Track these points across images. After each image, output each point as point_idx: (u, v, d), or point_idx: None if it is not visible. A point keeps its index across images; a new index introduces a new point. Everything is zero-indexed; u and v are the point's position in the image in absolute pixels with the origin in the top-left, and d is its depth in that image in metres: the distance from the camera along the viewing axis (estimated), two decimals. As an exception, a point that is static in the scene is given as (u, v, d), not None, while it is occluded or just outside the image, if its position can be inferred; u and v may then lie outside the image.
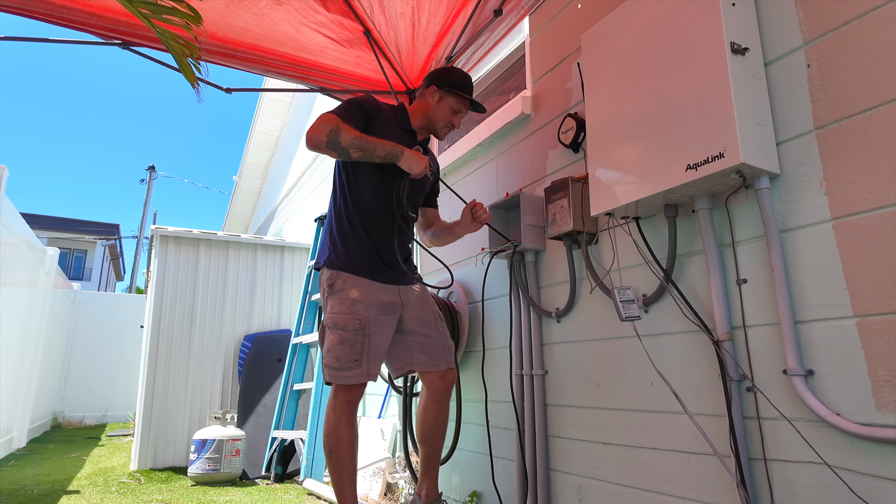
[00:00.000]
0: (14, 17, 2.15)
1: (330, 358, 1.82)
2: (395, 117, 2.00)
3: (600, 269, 1.85)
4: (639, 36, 1.55)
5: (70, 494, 3.07)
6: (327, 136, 1.73)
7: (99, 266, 22.44)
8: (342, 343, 1.81)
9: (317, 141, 1.75)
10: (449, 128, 2.04)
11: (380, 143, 1.79)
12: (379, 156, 1.80)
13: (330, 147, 1.75)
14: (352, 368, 1.80)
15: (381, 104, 1.98)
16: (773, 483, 1.28)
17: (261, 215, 9.43)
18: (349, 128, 1.77)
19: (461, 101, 2.01)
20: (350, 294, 1.85)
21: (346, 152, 1.76)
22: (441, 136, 2.06)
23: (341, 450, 1.82)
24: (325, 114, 1.81)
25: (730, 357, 1.37)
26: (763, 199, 1.32)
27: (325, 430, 1.85)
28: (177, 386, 4.10)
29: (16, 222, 4.35)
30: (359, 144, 1.76)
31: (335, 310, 1.85)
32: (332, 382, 1.84)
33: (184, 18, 1.48)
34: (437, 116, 2.01)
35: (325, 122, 1.76)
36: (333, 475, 1.84)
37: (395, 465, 2.83)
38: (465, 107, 2.04)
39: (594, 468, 1.78)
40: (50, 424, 7.01)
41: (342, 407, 1.83)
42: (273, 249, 4.69)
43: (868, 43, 1.19)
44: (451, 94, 2.00)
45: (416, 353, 1.96)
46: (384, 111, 1.97)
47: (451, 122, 2.03)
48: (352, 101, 1.90)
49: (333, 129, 1.74)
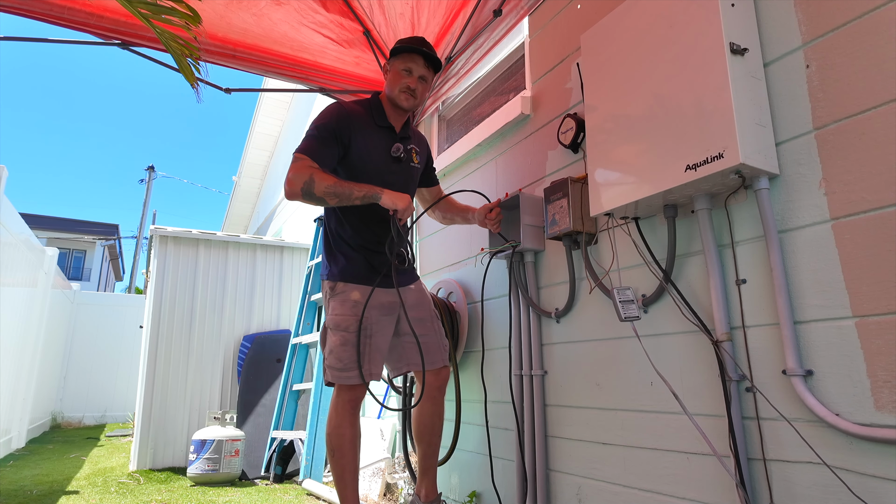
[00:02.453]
0: (13, 17, 2.15)
1: (332, 359, 1.83)
2: (369, 117, 1.95)
3: (600, 269, 1.85)
4: (638, 36, 1.55)
5: (69, 495, 3.07)
6: (301, 189, 1.73)
7: (98, 266, 22.42)
8: (344, 344, 1.82)
9: (292, 194, 1.75)
10: (407, 92, 1.94)
11: (356, 188, 1.78)
12: (357, 198, 1.78)
13: (306, 199, 1.75)
14: (353, 369, 1.82)
15: (352, 111, 1.92)
16: (773, 483, 1.28)
17: (260, 215, 9.43)
18: (322, 175, 1.75)
19: (406, 58, 1.94)
20: (351, 296, 1.86)
21: (322, 201, 1.76)
22: (403, 103, 1.96)
23: (343, 448, 1.83)
24: (297, 157, 1.77)
25: (729, 357, 1.37)
26: (762, 200, 1.32)
27: (328, 428, 1.86)
28: (176, 386, 4.09)
29: (15, 222, 4.35)
30: (334, 192, 1.75)
31: (337, 311, 1.86)
32: (335, 383, 1.84)
33: (183, 19, 1.48)
34: (392, 87, 1.95)
35: (298, 173, 1.73)
36: (335, 474, 1.85)
37: (394, 466, 2.83)
38: (415, 62, 1.94)
39: (594, 468, 1.78)
40: (49, 425, 7.01)
41: (345, 406, 1.84)
42: (272, 249, 4.68)
43: (867, 43, 1.19)
44: (395, 59, 1.95)
45: (413, 354, 1.97)
46: (357, 117, 1.91)
47: (406, 85, 1.93)
48: (322, 128, 1.84)
49: (307, 182, 1.73)
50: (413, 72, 1.94)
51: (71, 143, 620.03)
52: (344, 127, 1.87)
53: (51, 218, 20.29)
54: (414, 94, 1.95)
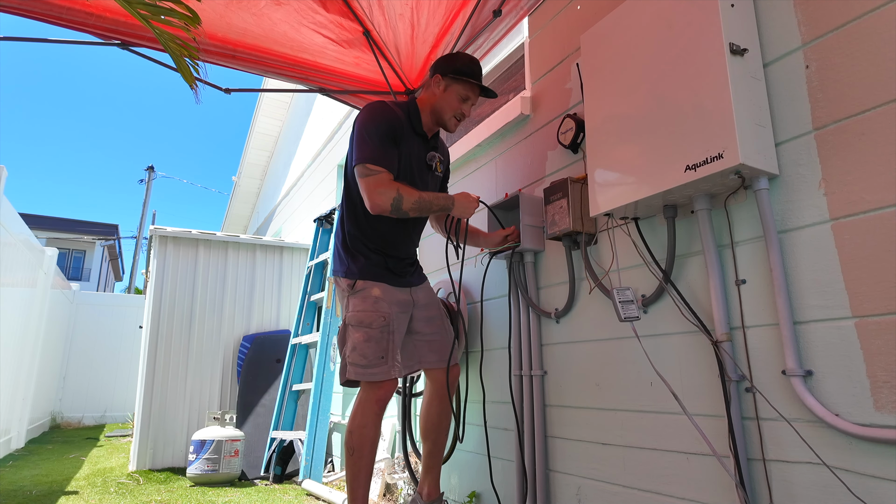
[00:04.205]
0: (13, 17, 2.14)
1: (356, 356, 1.82)
2: (408, 122, 1.93)
3: (599, 269, 1.85)
4: (638, 37, 1.55)
5: (68, 495, 3.07)
6: (391, 205, 1.76)
7: (98, 266, 22.41)
8: (368, 340, 1.82)
9: (381, 210, 1.78)
10: (458, 118, 1.94)
11: (435, 200, 1.84)
12: (435, 210, 1.85)
13: (394, 214, 1.78)
14: (379, 365, 1.81)
15: (395, 115, 1.88)
16: (772, 483, 1.28)
17: (260, 216, 9.42)
18: (407, 190, 1.79)
19: (469, 88, 1.91)
20: (372, 292, 1.87)
21: (405, 214, 1.80)
22: (451, 128, 1.96)
23: (364, 448, 1.82)
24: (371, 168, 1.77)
25: (729, 358, 1.37)
26: (762, 200, 1.32)
27: (351, 426, 1.83)
28: (176, 386, 4.09)
29: (14, 223, 4.35)
30: (419, 206, 1.80)
31: (358, 308, 1.86)
32: (360, 380, 1.84)
33: (182, 20, 1.48)
34: (444, 107, 1.92)
35: (384, 189, 1.75)
36: (350, 473, 1.83)
37: (394, 466, 2.83)
38: (474, 93, 1.93)
39: (593, 469, 1.78)
40: (48, 425, 7.00)
41: (372, 406, 1.83)
42: (272, 250, 4.68)
43: (867, 44, 1.19)
44: (456, 82, 1.90)
45: (424, 352, 1.99)
46: (399, 122, 1.88)
47: (461, 112, 1.93)
48: (380, 131, 1.82)
49: (396, 199, 1.76)
50: (469, 101, 1.94)
51: (70, 143, 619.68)
52: (397, 129, 1.86)
53: (50, 218, 20.28)
54: (462, 120, 1.98)
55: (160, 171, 23.75)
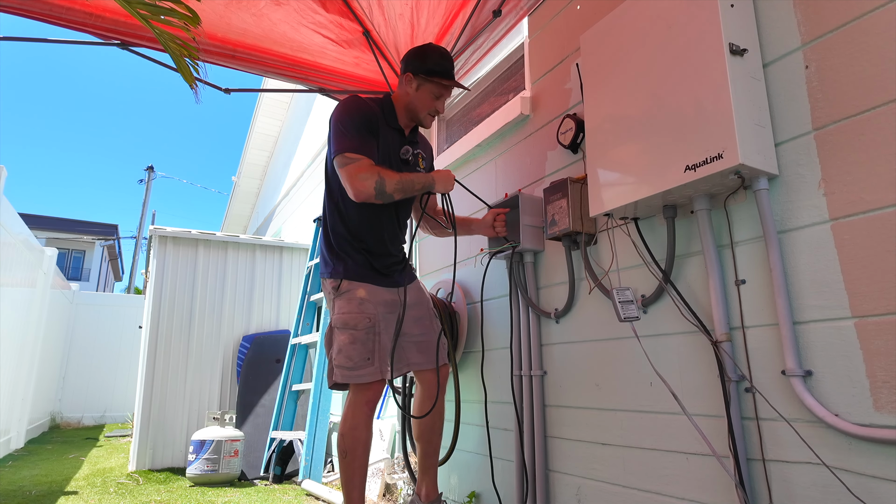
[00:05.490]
0: (13, 17, 2.14)
1: (341, 358, 1.82)
2: (382, 115, 1.94)
3: (599, 269, 1.85)
4: (637, 37, 1.55)
5: (68, 495, 3.07)
6: (375, 189, 1.75)
7: (97, 266, 22.41)
8: (353, 342, 1.81)
9: (366, 196, 1.76)
10: (433, 115, 1.98)
11: (416, 178, 1.83)
12: (417, 189, 1.84)
13: (378, 198, 1.77)
14: (366, 367, 1.81)
15: (370, 108, 1.89)
16: (772, 484, 1.28)
17: (260, 216, 9.42)
18: (387, 173, 1.78)
19: (440, 84, 1.92)
20: (357, 294, 1.86)
21: (390, 198, 1.79)
22: (426, 125, 2.00)
23: (357, 450, 1.82)
24: (351, 157, 1.76)
25: (728, 358, 1.37)
26: (761, 200, 1.32)
27: (343, 429, 1.83)
28: (175, 386, 4.09)
29: (14, 223, 4.35)
30: (402, 187, 1.80)
31: (343, 310, 1.85)
32: (346, 383, 1.83)
33: (182, 20, 1.48)
34: (418, 106, 1.94)
35: (366, 174, 1.74)
36: (344, 476, 1.83)
37: (393, 466, 2.83)
38: (448, 89, 1.96)
39: (593, 469, 1.78)
40: (48, 425, 7.00)
41: (362, 407, 1.83)
42: (272, 250, 4.68)
43: (867, 44, 1.19)
44: (428, 82, 1.91)
45: (412, 353, 1.98)
46: (374, 115, 1.89)
47: (434, 109, 1.96)
48: (356, 122, 1.82)
49: (378, 182, 1.75)
50: (443, 98, 1.96)
51: (70, 142, 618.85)
52: (372, 120, 1.87)
53: (50, 218, 20.27)
54: (436, 116, 1.99)
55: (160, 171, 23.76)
